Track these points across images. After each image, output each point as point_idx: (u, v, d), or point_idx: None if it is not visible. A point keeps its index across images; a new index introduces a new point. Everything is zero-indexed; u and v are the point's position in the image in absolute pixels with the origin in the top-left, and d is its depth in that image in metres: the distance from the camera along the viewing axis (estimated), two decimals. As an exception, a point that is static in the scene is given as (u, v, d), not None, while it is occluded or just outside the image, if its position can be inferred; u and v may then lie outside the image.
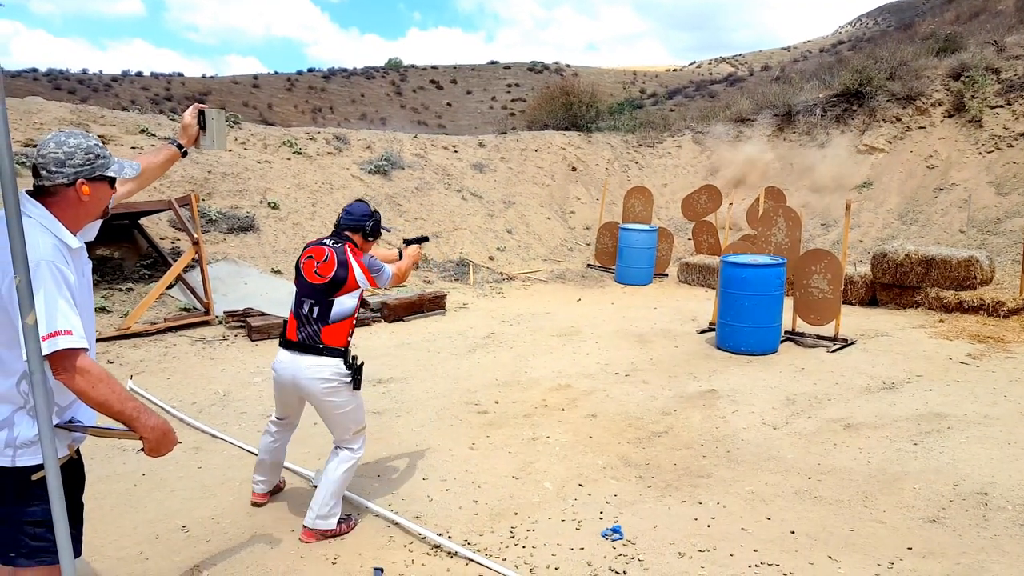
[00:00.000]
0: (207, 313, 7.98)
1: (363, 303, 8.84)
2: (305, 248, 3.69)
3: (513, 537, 3.65)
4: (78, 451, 2.37)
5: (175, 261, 8.33)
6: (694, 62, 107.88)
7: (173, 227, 9.48)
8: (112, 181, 2.36)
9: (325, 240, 3.66)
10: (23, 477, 2.15)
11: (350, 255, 3.56)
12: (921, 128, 14.01)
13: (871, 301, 9.66)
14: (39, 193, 2.21)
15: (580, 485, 4.28)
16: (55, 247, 2.12)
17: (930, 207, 12.48)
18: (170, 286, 8.13)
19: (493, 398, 5.91)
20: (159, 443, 2.25)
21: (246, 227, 9.92)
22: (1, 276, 2.04)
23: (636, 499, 4.09)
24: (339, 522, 3.63)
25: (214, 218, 9.74)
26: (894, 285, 9.35)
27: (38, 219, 2.14)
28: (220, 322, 7.97)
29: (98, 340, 7.12)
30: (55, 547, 2.08)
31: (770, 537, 3.64)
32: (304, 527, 3.59)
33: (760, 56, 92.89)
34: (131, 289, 8.24)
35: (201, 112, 2.96)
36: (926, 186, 12.96)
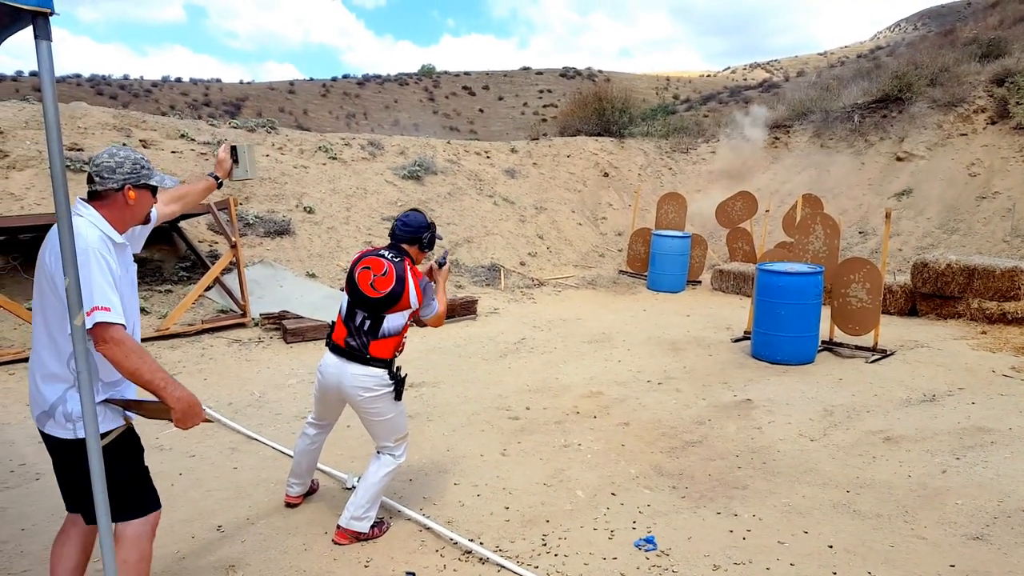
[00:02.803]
0: (243, 315, 8.09)
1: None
2: (362, 257, 3.58)
3: (545, 545, 3.64)
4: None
5: (213, 264, 8.47)
6: (728, 67, 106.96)
7: (211, 230, 9.64)
8: (154, 190, 2.66)
9: (383, 252, 3.57)
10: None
11: (409, 273, 3.51)
12: (963, 135, 13.70)
13: (911, 311, 9.47)
14: (92, 197, 2.52)
15: (613, 494, 4.25)
16: (100, 238, 2.40)
17: (972, 216, 12.20)
18: (208, 288, 8.26)
19: (524, 404, 5.90)
20: (185, 414, 2.42)
21: (282, 231, 10.04)
22: (57, 265, 2.28)
23: (670, 509, 4.05)
24: (373, 526, 3.64)
25: (251, 222, 9.88)
26: (935, 295, 9.15)
27: (88, 217, 2.44)
28: (256, 324, 8.07)
29: (137, 341, 7.26)
30: (131, 502, 2.52)
31: (807, 551, 3.57)
32: (338, 527, 3.61)
33: (796, 62, 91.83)
34: (170, 291, 8.39)
35: (233, 147, 3.33)
36: (968, 194, 12.67)
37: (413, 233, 3.63)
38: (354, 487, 4.18)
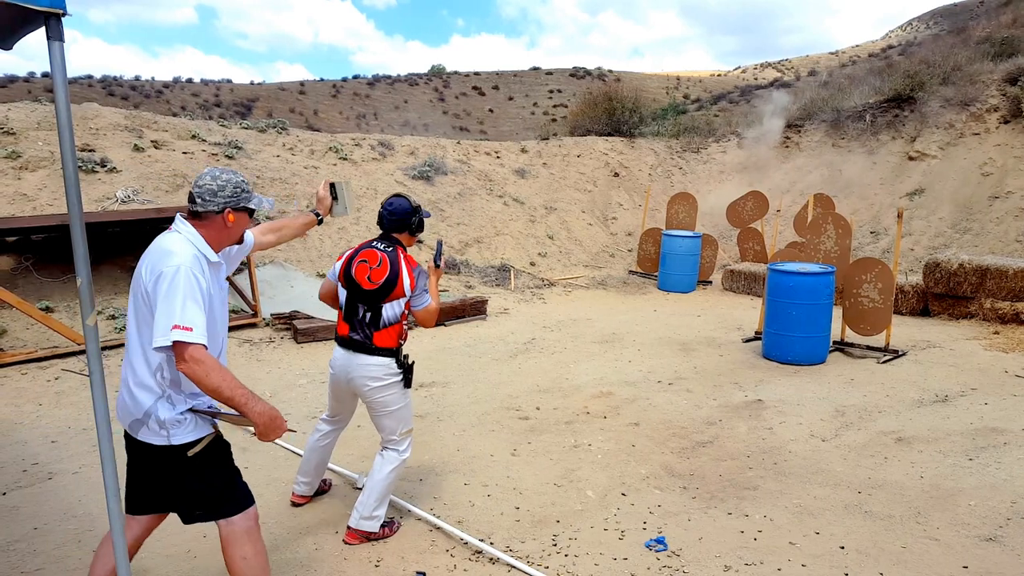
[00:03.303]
0: (255, 315, 8.12)
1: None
2: (358, 251, 3.62)
3: (555, 545, 3.63)
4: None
5: (223, 264, 8.50)
6: (739, 67, 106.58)
7: (222, 231, 9.68)
8: (251, 212, 2.74)
9: (376, 244, 3.62)
10: (181, 453, 2.53)
11: (403, 262, 3.55)
12: (975, 134, 13.60)
13: (923, 311, 9.40)
14: (192, 216, 2.60)
15: (623, 494, 4.24)
16: (195, 256, 2.49)
17: (984, 215, 12.11)
18: (218, 288, 8.29)
19: (534, 404, 5.90)
20: (267, 428, 2.49)
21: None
22: (149, 276, 2.40)
23: (680, 510, 4.04)
24: (383, 525, 3.65)
25: (261, 222, 9.91)
26: (947, 295, 9.09)
27: (186, 235, 2.54)
28: (267, 324, 8.10)
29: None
30: (228, 501, 2.63)
31: (819, 552, 3.56)
32: (348, 527, 3.62)
33: (807, 61, 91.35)
34: (181, 291, 8.43)
35: (332, 185, 3.50)
36: (980, 194, 12.57)
37: (401, 220, 3.66)
38: (362, 487, 4.20)
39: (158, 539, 3.63)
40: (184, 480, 2.58)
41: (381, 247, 3.59)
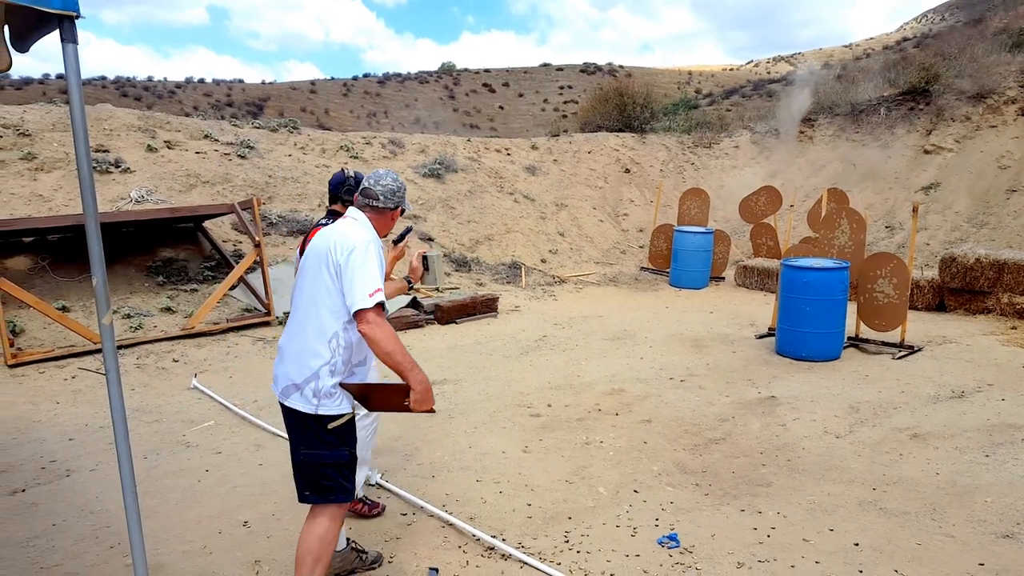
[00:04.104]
0: (268, 314, 8.17)
1: (415, 304, 8.97)
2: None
3: (567, 542, 3.63)
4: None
5: (237, 263, 8.56)
6: (751, 61, 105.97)
7: (236, 230, 9.74)
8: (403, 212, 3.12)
9: (322, 221, 3.60)
10: (323, 424, 2.74)
11: None
12: (992, 127, 13.46)
13: (938, 306, 9.33)
14: (367, 208, 2.94)
15: (635, 491, 4.23)
16: (376, 239, 2.86)
17: (1001, 209, 11.99)
18: (232, 287, 8.35)
19: (546, 401, 5.90)
20: (424, 396, 2.68)
21: (305, 230, 10.11)
22: (341, 251, 2.70)
23: (693, 507, 4.03)
24: (363, 503, 3.82)
25: (275, 221, 9.97)
26: (963, 290, 9.01)
27: (362, 222, 2.90)
28: (280, 322, 8.14)
29: (162, 340, 7.36)
30: (343, 488, 2.81)
31: (833, 549, 3.54)
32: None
33: (820, 54, 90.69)
34: (195, 290, 8.49)
35: (425, 257, 3.67)
36: (997, 188, 12.45)
37: (333, 191, 3.77)
38: (377, 483, 4.22)
39: (174, 535, 3.67)
40: (317, 454, 2.78)
41: (326, 222, 3.53)
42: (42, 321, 7.15)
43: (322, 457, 2.78)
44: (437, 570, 3.33)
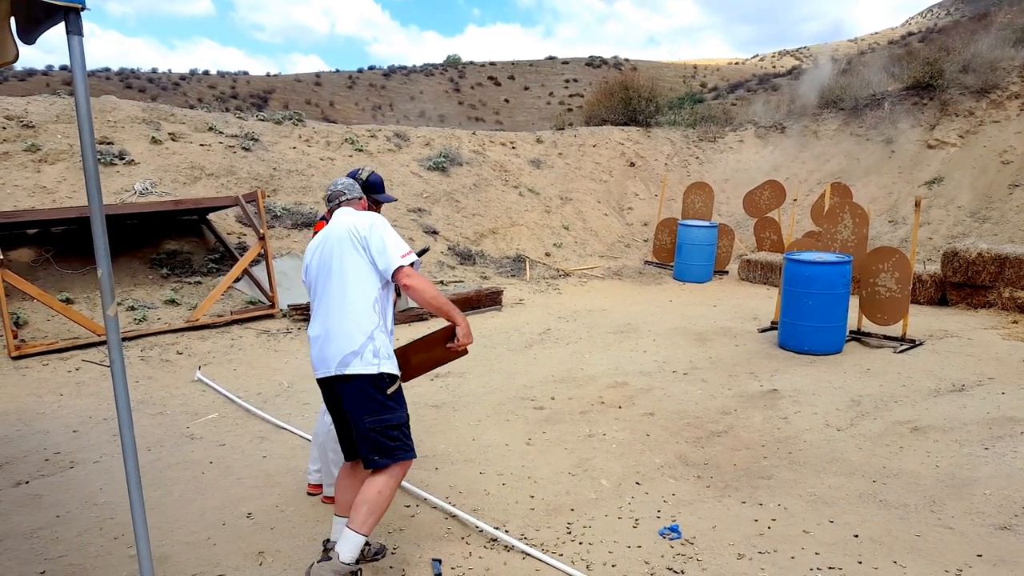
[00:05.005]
0: (272, 306, 8.19)
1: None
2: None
3: (570, 533, 3.66)
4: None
5: (242, 256, 8.58)
6: (757, 55, 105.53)
7: (240, 223, 9.76)
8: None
9: (324, 216, 3.60)
10: (384, 387, 3.00)
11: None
12: (996, 122, 13.42)
13: (940, 301, 9.32)
14: (346, 205, 3.31)
15: (637, 483, 4.26)
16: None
17: (1004, 204, 11.96)
18: (237, 280, 8.37)
19: (549, 394, 5.92)
20: (468, 332, 3.16)
21: (310, 223, 10.13)
22: (363, 229, 3.04)
23: (695, 499, 4.05)
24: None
25: (279, 214, 9.99)
26: (965, 284, 9.00)
27: (354, 210, 3.27)
28: (284, 315, 8.17)
29: (166, 332, 7.39)
30: (407, 446, 3.05)
31: (833, 540, 3.56)
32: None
33: (825, 49, 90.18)
34: (199, 283, 8.52)
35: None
36: (1000, 183, 12.41)
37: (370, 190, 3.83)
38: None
39: (178, 526, 3.71)
40: (384, 416, 2.99)
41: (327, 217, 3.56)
42: (46, 313, 7.18)
43: (388, 420, 2.99)
44: (440, 561, 3.36)
